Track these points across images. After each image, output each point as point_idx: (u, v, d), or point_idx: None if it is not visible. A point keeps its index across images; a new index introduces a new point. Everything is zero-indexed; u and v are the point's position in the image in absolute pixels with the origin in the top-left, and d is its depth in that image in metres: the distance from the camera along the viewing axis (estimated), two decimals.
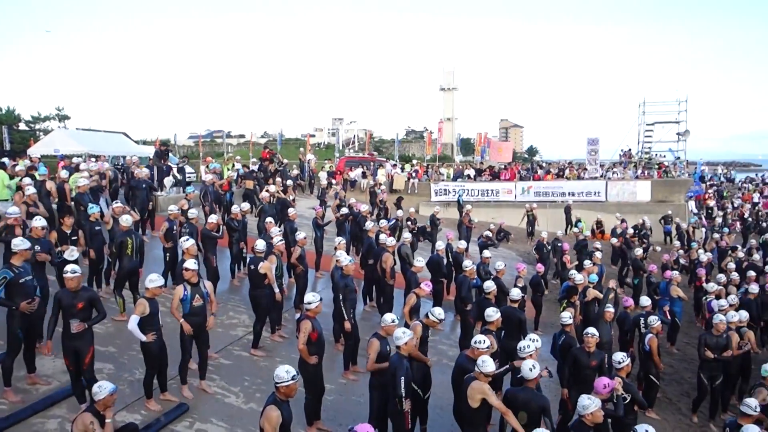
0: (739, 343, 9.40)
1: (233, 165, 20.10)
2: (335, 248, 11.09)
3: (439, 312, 7.68)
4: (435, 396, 7.85)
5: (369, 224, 12.95)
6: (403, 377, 6.11)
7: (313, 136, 68.05)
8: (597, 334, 7.97)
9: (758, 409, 6.43)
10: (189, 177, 20.41)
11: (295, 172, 23.20)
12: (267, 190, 15.30)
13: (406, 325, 7.68)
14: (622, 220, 20.05)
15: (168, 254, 10.97)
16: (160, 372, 7.29)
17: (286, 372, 5.17)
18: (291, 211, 13.30)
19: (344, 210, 14.84)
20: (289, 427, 5.17)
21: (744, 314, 10.41)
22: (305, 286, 10.99)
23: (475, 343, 6.70)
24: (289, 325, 10.40)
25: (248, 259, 10.36)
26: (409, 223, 16.08)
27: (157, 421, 6.90)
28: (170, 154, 21.62)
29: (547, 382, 8.53)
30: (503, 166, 31.92)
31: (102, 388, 5.23)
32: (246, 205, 13.44)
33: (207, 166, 18.64)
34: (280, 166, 21.73)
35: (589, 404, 5.50)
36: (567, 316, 8.95)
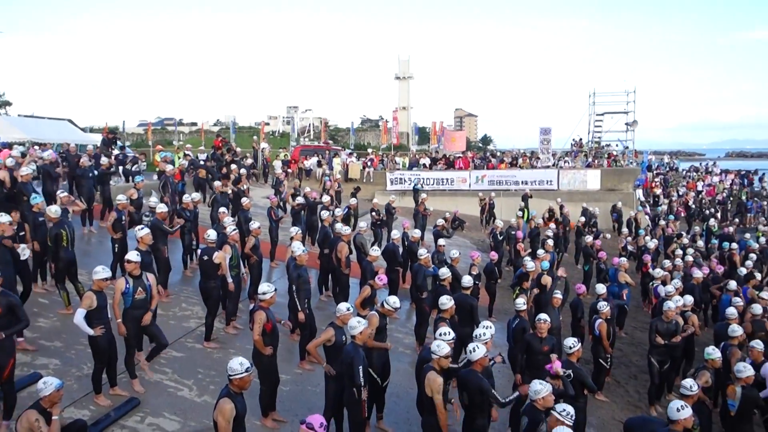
0: (683, 326, 9.74)
1: (184, 153, 19.68)
2: (291, 238, 10.98)
3: (393, 300, 7.71)
4: (391, 384, 7.89)
5: (324, 213, 12.88)
6: (361, 366, 6.12)
7: (268, 124, 67.06)
8: (549, 319, 8.12)
9: (695, 389, 6.64)
10: (138, 167, 19.90)
11: (249, 161, 22.83)
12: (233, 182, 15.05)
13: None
14: (561, 206, 20.47)
15: (117, 245, 10.65)
16: (109, 366, 7.08)
17: (239, 364, 5.09)
18: (245, 200, 13.11)
19: (299, 199, 14.71)
20: (243, 419, 5.11)
21: (689, 298, 10.81)
22: (259, 276, 10.86)
23: (440, 335, 6.70)
24: (243, 316, 10.27)
25: (199, 250, 10.16)
26: (373, 213, 16.02)
27: (107, 417, 6.71)
28: (119, 142, 20.99)
29: (500, 368, 8.66)
30: (458, 155, 32.17)
31: (47, 384, 5.06)
32: (197, 195, 13.16)
33: (157, 156, 18.15)
34: (235, 156, 21.38)
35: (541, 389, 5.60)
36: (521, 302, 9.11)
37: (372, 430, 7.29)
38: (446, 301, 8.06)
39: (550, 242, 14.60)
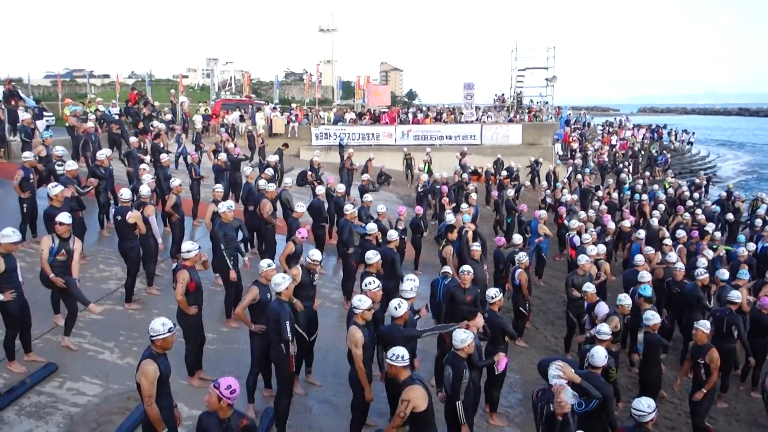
0: (596, 273, 10.27)
1: (96, 108, 18.63)
2: (213, 196, 10.71)
3: (313, 253, 7.70)
4: (319, 339, 7.95)
5: (248, 170, 12.60)
6: (288, 321, 6.12)
7: (186, 77, 64.26)
8: (472, 270, 8.36)
9: (609, 334, 7.10)
10: (47, 121, 18.72)
11: (168, 116, 21.90)
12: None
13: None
14: (463, 154, 21.02)
15: (25, 205, 10.04)
16: (23, 331, 6.76)
17: (161, 325, 4.98)
18: (164, 157, 12.61)
19: (222, 156, 14.30)
20: (167, 380, 5.02)
21: (602, 248, 11.39)
22: (182, 235, 10.58)
23: (365, 285, 6.79)
24: (166, 276, 10.02)
25: (113, 210, 9.74)
26: (311, 173, 15.76)
27: (23, 384, 6.44)
28: (23, 95, 19.57)
29: (428, 319, 8.89)
30: (383, 110, 32.07)
31: None
32: (108, 151, 12.43)
33: (66, 110, 17.08)
34: (153, 111, 20.44)
35: (466, 338, 5.78)
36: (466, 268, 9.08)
37: (301, 384, 7.36)
38: (372, 256, 8.14)
39: (474, 196, 14.92)
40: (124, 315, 8.61)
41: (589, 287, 8.99)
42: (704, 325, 7.44)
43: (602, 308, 8.30)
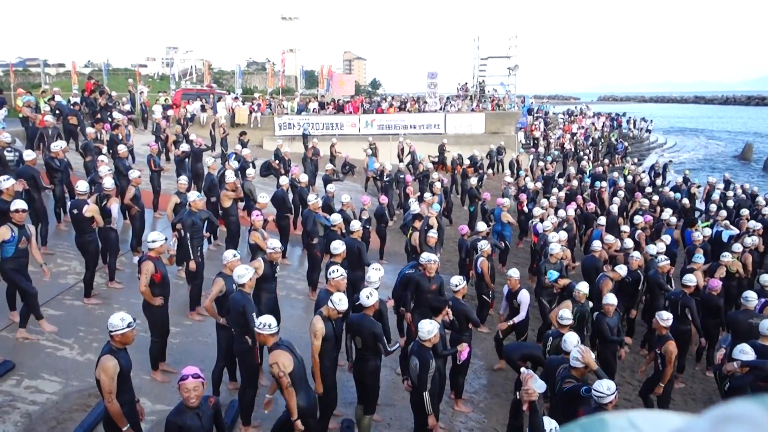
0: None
1: (53, 97, 18.08)
2: (177, 187, 10.55)
3: (271, 242, 7.67)
4: (284, 330, 7.90)
5: (209, 160, 12.43)
6: (254, 312, 6.09)
7: (145, 66, 62.94)
8: (437, 259, 8.41)
9: (572, 319, 7.27)
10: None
11: (126, 106, 21.39)
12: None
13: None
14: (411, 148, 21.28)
15: None
16: None
17: (120, 320, 4.89)
18: (122, 148, 12.34)
19: (183, 146, 14.06)
20: (128, 375, 4.95)
21: (563, 234, 11.57)
22: (142, 227, 10.41)
23: (331, 273, 6.80)
24: (126, 270, 9.85)
25: (69, 204, 9.52)
26: (276, 162, 15.57)
27: None
28: None
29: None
30: (347, 100, 31.91)
31: None
32: (63, 143, 12.07)
33: (19, 100, 16.52)
34: (110, 101, 19.94)
35: (433, 329, 5.83)
36: (425, 257, 9.17)
37: (266, 375, 7.32)
38: (338, 246, 8.14)
39: (438, 185, 14.99)
40: (84, 310, 8.43)
41: (552, 275, 9.18)
42: (661, 316, 7.52)
43: (524, 296, 8.43)
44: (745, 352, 6.36)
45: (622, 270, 9.46)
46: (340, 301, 6.01)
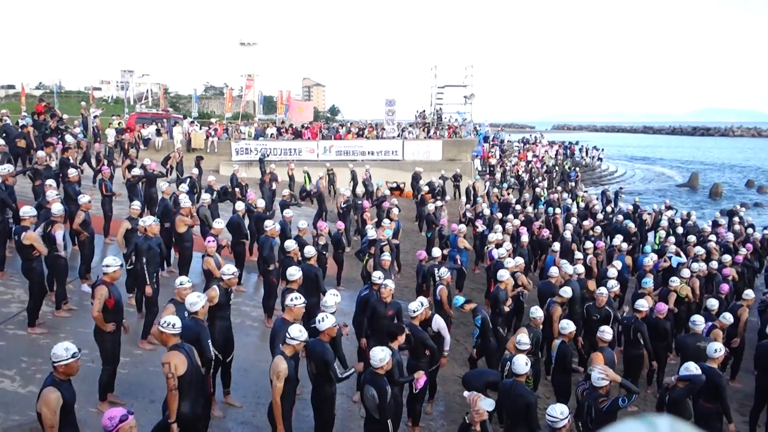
0: (513, 286, 10.56)
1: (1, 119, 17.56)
2: (129, 213, 10.31)
3: (227, 267, 7.53)
4: (239, 358, 7.78)
5: (164, 185, 12.21)
6: (209, 340, 5.94)
7: (99, 89, 61.84)
8: (393, 285, 8.39)
9: (529, 344, 7.34)
10: None
11: (77, 129, 20.91)
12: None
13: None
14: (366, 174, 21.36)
15: None
16: None
17: (64, 350, 4.71)
18: (72, 172, 12.02)
19: (136, 171, 13.79)
20: (72, 407, 4.75)
21: (519, 260, 11.73)
22: (91, 254, 10.10)
23: (290, 300, 6.69)
24: (74, 297, 9.52)
25: (13, 229, 9.20)
26: (237, 189, 15.42)
27: None
28: None
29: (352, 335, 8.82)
30: (305, 125, 31.95)
31: None
32: (9, 167, 11.66)
33: None
34: (60, 124, 19.47)
35: (385, 356, 5.77)
36: (377, 275, 9.18)
37: (219, 405, 7.14)
38: (294, 272, 8.04)
39: (395, 211, 15.05)
40: (27, 340, 8.09)
41: (458, 300, 9.28)
42: (603, 331, 7.76)
43: (437, 322, 8.29)
44: (688, 369, 6.54)
45: (566, 293, 9.60)
46: (300, 333, 5.81)
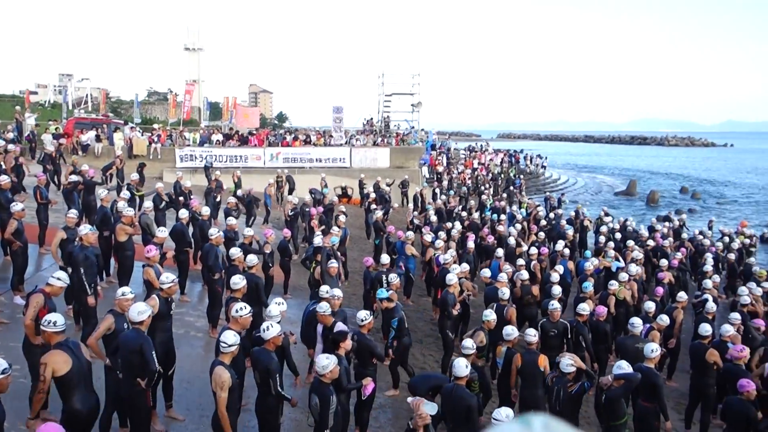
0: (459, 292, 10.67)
1: None
2: (65, 221, 9.92)
3: (166, 276, 7.35)
4: (182, 370, 7.59)
5: (103, 192, 11.83)
6: (153, 352, 5.77)
7: (35, 93, 59.62)
8: (341, 295, 8.36)
9: (473, 348, 7.40)
10: None
11: (11, 134, 20.07)
12: None
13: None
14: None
15: None
16: None
17: None
18: (4, 179, 11.50)
19: (73, 177, 13.31)
20: (2, 424, 4.53)
21: (465, 266, 11.87)
22: (25, 264, 9.68)
23: (236, 311, 6.54)
24: (6, 310, 9.09)
25: None
26: (181, 198, 15.01)
27: None
28: None
29: (300, 346, 8.73)
30: (252, 132, 31.58)
31: None
32: None
33: None
34: None
35: (329, 363, 5.73)
36: (324, 290, 9.11)
37: (160, 420, 6.93)
38: (238, 281, 7.91)
39: (343, 218, 15.02)
40: None
41: (382, 293, 9.13)
42: (528, 333, 7.99)
43: (339, 326, 8.31)
44: (621, 367, 6.74)
45: (504, 294, 9.80)
46: (235, 338, 5.69)
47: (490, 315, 8.71)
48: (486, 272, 11.69)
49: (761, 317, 10.79)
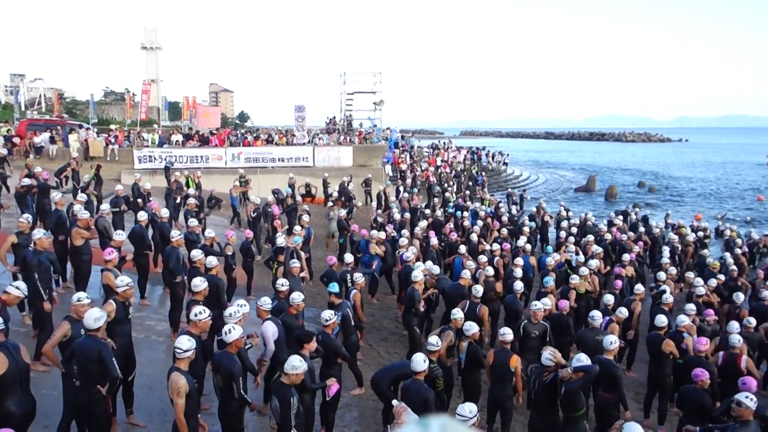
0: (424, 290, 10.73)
1: None
2: (18, 226, 9.61)
3: (120, 280, 7.20)
4: (143, 375, 7.45)
5: (57, 195, 11.52)
6: (114, 358, 5.64)
7: None
8: (302, 297, 8.32)
9: (439, 345, 7.46)
10: None
11: None
12: None
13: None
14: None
15: None
16: None
17: None
18: None
19: (26, 180, 12.92)
20: None
21: (429, 264, 11.94)
22: None
23: (194, 315, 6.44)
24: None
25: None
26: (140, 200, 14.70)
27: None
28: None
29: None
30: (212, 132, 31.16)
31: None
32: None
33: None
34: None
35: (300, 365, 5.72)
36: (280, 283, 9.10)
37: (121, 427, 6.79)
38: (199, 283, 7.81)
39: (306, 218, 14.94)
40: None
41: (333, 287, 9.31)
42: (503, 333, 8.00)
43: (265, 327, 8.25)
44: (580, 360, 6.87)
45: (478, 291, 9.89)
46: (190, 343, 5.58)
47: (458, 314, 8.73)
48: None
49: (715, 308, 11.15)
